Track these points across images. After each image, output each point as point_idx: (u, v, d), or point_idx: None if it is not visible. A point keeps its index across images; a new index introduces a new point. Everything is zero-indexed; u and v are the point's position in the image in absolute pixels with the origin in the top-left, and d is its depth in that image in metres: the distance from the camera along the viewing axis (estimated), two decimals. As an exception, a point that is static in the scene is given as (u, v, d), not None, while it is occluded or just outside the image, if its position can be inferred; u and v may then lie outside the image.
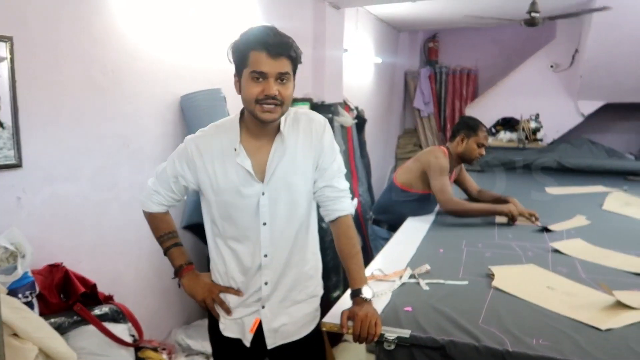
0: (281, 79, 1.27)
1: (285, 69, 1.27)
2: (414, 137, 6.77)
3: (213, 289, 1.46)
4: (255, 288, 1.42)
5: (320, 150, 1.40)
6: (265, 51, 1.24)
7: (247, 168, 1.33)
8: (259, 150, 1.36)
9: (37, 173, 1.85)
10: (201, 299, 1.46)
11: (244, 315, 1.45)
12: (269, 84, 1.25)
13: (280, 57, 1.25)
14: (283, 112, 1.31)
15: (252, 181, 1.35)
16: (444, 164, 2.53)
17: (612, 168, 4.22)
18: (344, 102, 4.24)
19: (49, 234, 1.91)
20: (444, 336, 1.26)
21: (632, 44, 4.62)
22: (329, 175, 1.42)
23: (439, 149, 2.63)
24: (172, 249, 1.50)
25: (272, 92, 1.25)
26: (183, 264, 1.49)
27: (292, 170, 1.37)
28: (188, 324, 2.66)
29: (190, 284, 1.48)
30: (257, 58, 1.25)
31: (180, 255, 1.50)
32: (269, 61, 1.24)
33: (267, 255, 1.39)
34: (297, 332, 1.47)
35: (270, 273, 1.41)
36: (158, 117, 2.41)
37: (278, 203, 1.37)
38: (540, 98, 5.56)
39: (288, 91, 1.29)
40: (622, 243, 2.13)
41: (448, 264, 1.85)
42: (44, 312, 1.72)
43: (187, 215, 2.61)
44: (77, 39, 1.96)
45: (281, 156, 1.36)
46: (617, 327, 1.32)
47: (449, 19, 5.48)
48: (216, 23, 2.74)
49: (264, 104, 1.27)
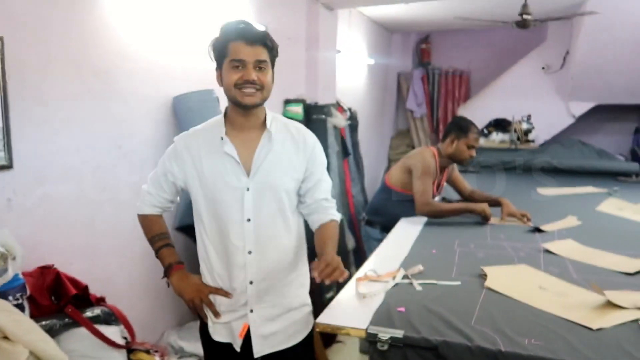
0: (259, 66, 1.34)
1: (262, 56, 1.34)
2: (406, 138, 6.79)
3: (202, 289, 1.46)
4: (242, 288, 1.42)
5: (311, 159, 1.44)
6: (243, 40, 1.32)
7: (233, 156, 1.38)
8: (245, 142, 1.40)
9: (28, 174, 1.83)
10: (189, 299, 1.45)
11: (232, 319, 1.45)
12: (247, 70, 1.33)
13: (257, 45, 1.33)
14: (264, 97, 1.37)
15: (239, 172, 1.38)
16: (429, 166, 2.55)
17: (602, 169, 4.26)
18: (337, 103, 4.24)
19: (40, 235, 1.89)
20: (437, 336, 1.26)
21: (622, 46, 4.67)
22: (320, 190, 1.46)
23: (428, 150, 2.64)
24: (162, 249, 1.51)
25: (251, 77, 1.32)
26: (172, 263, 1.49)
27: (278, 169, 1.40)
28: (181, 326, 2.65)
29: (179, 283, 1.47)
30: (235, 48, 1.33)
31: (170, 255, 1.51)
32: (247, 49, 1.32)
33: (252, 252, 1.40)
34: (287, 340, 1.46)
35: (255, 272, 1.41)
36: (150, 118, 2.39)
37: (263, 199, 1.38)
38: (531, 99, 5.60)
39: (266, 78, 1.36)
40: (613, 243, 2.15)
41: (441, 264, 1.86)
42: (35, 314, 1.71)
43: (179, 217, 2.60)
44: (69, 39, 1.94)
45: (267, 152, 1.39)
46: (608, 326, 1.33)
47: (441, 20, 5.50)
48: (209, 24, 2.73)
49: (243, 88, 1.33)
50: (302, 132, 1.47)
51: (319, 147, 1.49)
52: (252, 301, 1.42)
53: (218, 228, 1.41)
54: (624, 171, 4.20)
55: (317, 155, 1.47)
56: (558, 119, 5.60)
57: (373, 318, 1.37)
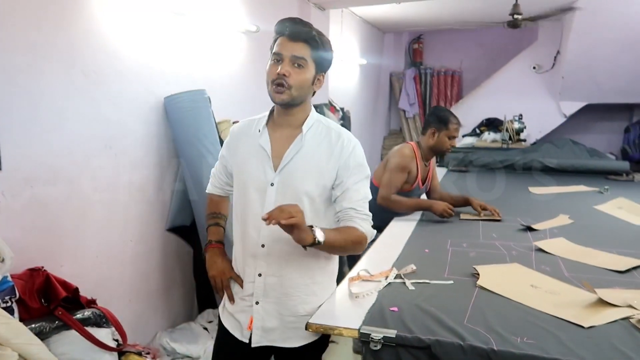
0: (297, 63, 1.34)
1: (300, 53, 1.34)
2: (399, 138, 6.80)
3: (226, 271, 1.52)
4: (251, 278, 1.45)
5: (343, 168, 1.40)
6: (286, 36, 1.35)
7: (265, 148, 1.41)
8: (281, 139, 1.43)
9: (17, 175, 1.81)
10: (211, 276, 1.54)
11: (239, 310, 1.49)
12: (283, 64, 1.34)
13: (298, 41, 1.34)
14: (293, 96, 1.36)
15: (267, 165, 1.41)
16: (404, 162, 2.57)
17: (593, 168, 4.29)
18: (330, 103, 4.24)
19: (29, 237, 1.87)
20: (429, 336, 1.26)
21: (612, 47, 4.71)
22: (348, 200, 1.40)
23: (407, 146, 2.66)
24: (210, 227, 1.61)
25: (283, 70, 1.32)
26: (212, 240, 1.58)
27: (304, 169, 1.40)
28: (173, 328, 2.63)
29: (209, 260, 1.56)
30: (279, 42, 1.36)
31: (214, 233, 1.60)
32: (287, 44, 1.34)
33: (265, 246, 1.42)
34: (285, 340, 1.46)
35: (265, 266, 1.43)
36: (141, 118, 2.38)
37: (284, 197, 1.38)
38: (523, 99, 5.64)
39: (300, 76, 1.35)
40: (604, 242, 2.16)
41: (433, 264, 1.86)
42: (25, 317, 1.69)
43: (170, 218, 2.59)
44: (58, 39, 1.92)
45: (297, 151, 1.40)
46: (600, 324, 1.33)
47: (433, 20, 5.52)
48: (200, 24, 2.72)
49: (275, 85, 1.34)
50: (342, 140, 1.42)
51: (355, 157, 1.42)
52: (258, 293, 1.45)
53: (242, 215, 1.47)
54: (615, 170, 4.23)
55: (350, 164, 1.40)
56: (549, 118, 5.64)
57: (366, 318, 1.37)
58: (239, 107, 3.06)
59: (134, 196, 2.34)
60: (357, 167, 1.42)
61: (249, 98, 3.21)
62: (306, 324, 1.37)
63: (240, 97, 3.13)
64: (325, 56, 1.39)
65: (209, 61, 2.84)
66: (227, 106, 2.89)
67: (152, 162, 2.46)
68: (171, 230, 2.61)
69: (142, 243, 2.43)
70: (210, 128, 2.51)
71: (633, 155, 5.33)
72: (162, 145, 2.52)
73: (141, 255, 2.44)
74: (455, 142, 2.64)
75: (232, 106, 2.98)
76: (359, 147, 1.45)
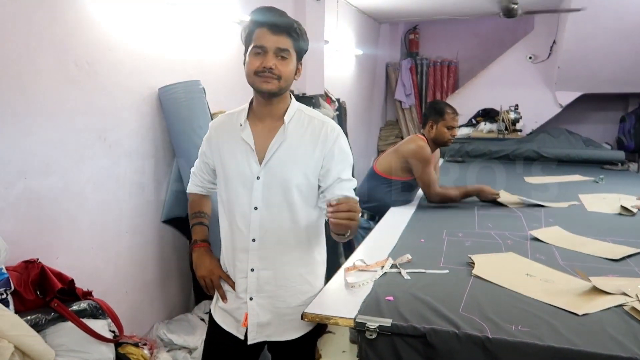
0: (281, 55, 1.34)
1: (284, 45, 1.34)
2: (395, 129, 6.80)
3: (215, 271, 1.51)
4: (243, 274, 1.44)
5: (328, 157, 1.40)
6: (267, 27, 1.33)
7: (248, 142, 1.40)
8: (263, 132, 1.42)
9: (10, 167, 1.80)
10: (200, 276, 1.53)
11: (233, 307, 1.48)
12: (267, 57, 1.33)
13: (281, 34, 1.33)
14: (281, 87, 1.36)
15: (252, 159, 1.40)
16: (427, 154, 2.59)
17: (589, 157, 4.31)
18: (325, 94, 4.22)
19: (23, 229, 1.86)
20: (425, 324, 1.26)
21: (607, 36, 4.70)
22: (340, 188, 1.40)
23: (419, 137, 2.67)
24: (195, 227, 1.59)
25: (269, 64, 1.32)
26: (197, 240, 1.57)
27: (290, 160, 1.39)
28: (170, 319, 2.63)
29: (197, 260, 1.54)
30: (260, 34, 1.34)
31: (199, 232, 1.58)
32: (270, 36, 1.33)
33: (256, 240, 1.41)
34: (281, 333, 1.47)
35: (257, 260, 1.42)
36: (135, 109, 2.36)
37: (271, 190, 1.39)
38: (519, 89, 5.63)
39: (286, 68, 1.35)
40: (598, 230, 2.17)
41: (429, 253, 1.86)
42: (20, 309, 1.68)
43: (166, 210, 2.58)
44: (51, 29, 1.90)
45: (280, 143, 1.39)
46: (594, 312, 1.34)
47: (429, 10, 5.49)
48: (194, 14, 2.70)
49: (261, 75, 1.33)
50: (325, 128, 1.41)
51: (339, 146, 1.42)
52: (252, 288, 1.44)
53: (229, 211, 1.45)
54: (610, 159, 4.25)
55: (335, 153, 1.40)
56: (545, 109, 5.64)
57: (361, 307, 1.38)
58: (233, 98, 3.04)
59: (128, 188, 2.33)
60: (341, 154, 1.43)
61: (244, 89, 3.16)
62: (302, 314, 1.38)
63: (235, 87, 3.11)
64: (304, 45, 1.41)
65: (203, 52, 2.82)
66: (221, 97, 2.87)
67: (146, 154, 2.44)
68: (167, 221, 2.60)
69: (137, 234, 2.42)
70: (205, 119, 2.49)
71: (628, 145, 5.34)
72: (157, 136, 2.50)
73: (137, 246, 2.44)
74: (456, 132, 2.66)
75: (226, 97, 2.96)
76: (342, 135, 1.46)
